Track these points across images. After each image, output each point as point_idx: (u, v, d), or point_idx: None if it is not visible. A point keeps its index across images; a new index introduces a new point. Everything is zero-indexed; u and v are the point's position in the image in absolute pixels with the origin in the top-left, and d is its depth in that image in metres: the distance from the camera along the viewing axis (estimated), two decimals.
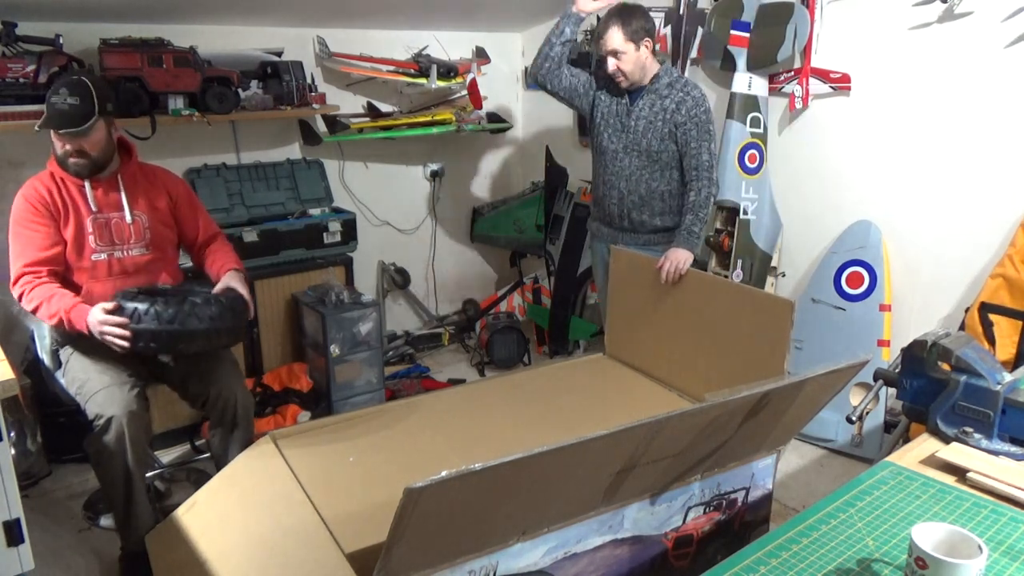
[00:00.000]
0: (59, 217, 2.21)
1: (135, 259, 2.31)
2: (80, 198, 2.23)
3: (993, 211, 2.61)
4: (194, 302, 2.13)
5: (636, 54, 2.56)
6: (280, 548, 1.73)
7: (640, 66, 2.59)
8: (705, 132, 2.58)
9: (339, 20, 3.56)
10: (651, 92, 2.63)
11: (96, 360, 2.22)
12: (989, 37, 2.52)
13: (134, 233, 2.31)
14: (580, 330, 3.91)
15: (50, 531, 2.57)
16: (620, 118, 2.69)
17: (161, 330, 2.07)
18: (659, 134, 2.62)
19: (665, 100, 2.60)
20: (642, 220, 2.73)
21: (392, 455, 2.05)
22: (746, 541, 1.24)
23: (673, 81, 2.63)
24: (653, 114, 2.62)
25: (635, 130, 2.65)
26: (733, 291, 2.26)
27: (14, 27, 2.74)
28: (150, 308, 2.07)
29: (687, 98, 2.58)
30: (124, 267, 2.30)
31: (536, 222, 4.13)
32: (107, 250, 2.27)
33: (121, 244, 2.29)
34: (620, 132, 2.69)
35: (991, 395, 1.49)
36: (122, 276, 2.29)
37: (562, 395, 2.31)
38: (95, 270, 2.26)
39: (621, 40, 2.54)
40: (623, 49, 2.55)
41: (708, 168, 2.57)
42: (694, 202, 2.56)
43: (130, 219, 2.30)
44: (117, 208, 2.28)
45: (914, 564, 1.06)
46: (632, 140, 2.66)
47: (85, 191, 2.23)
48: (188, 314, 2.09)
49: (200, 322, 2.11)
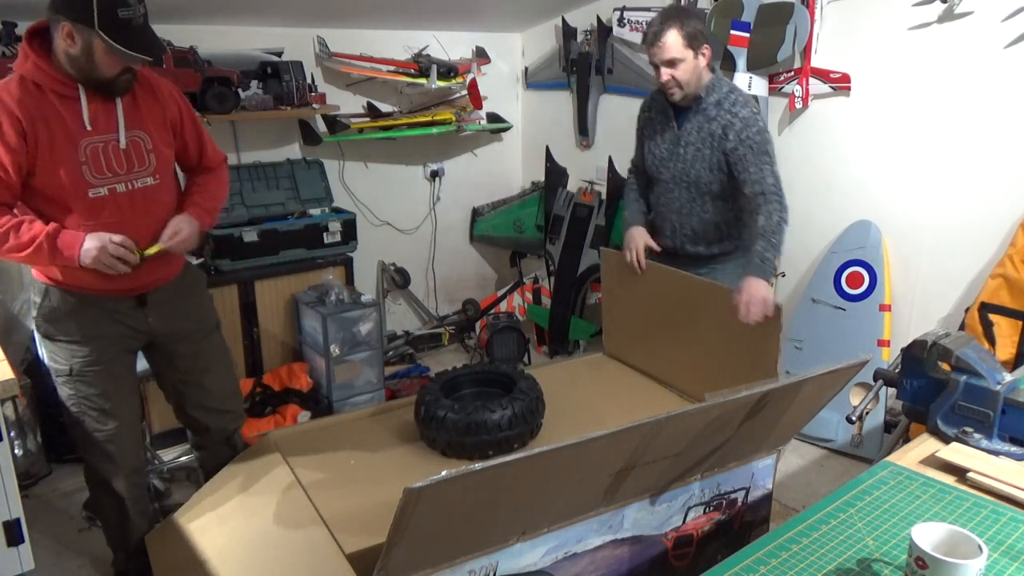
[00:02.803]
0: (30, 143, 1.71)
1: (143, 190, 1.87)
2: (70, 115, 1.75)
3: (993, 211, 2.61)
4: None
5: (694, 62, 2.26)
6: (280, 548, 1.73)
7: (697, 76, 2.28)
8: (763, 153, 2.25)
9: (339, 20, 3.56)
10: (699, 112, 2.33)
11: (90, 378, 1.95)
12: (989, 37, 2.52)
13: (136, 158, 1.86)
14: (580, 330, 3.91)
15: (50, 531, 2.57)
16: (668, 144, 2.42)
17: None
18: (707, 163, 2.34)
19: (712, 123, 2.31)
20: (697, 252, 2.48)
21: (392, 455, 2.05)
22: (746, 541, 1.24)
23: (722, 98, 2.31)
24: (701, 139, 2.33)
25: (683, 158, 2.38)
26: (727, 293, 2.25)
27: (14, 27, 2.74)
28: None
29: (735, 120, 2.27)
30: (135, 200, 1.86)
31: (536, 222, 4.13)
32: (112, 183, 1.82)
33: (128, 173, 1.84)
34: (668, 160, 2.43)
35: (991, 395, 1.49)
36: (131, 214, 1.86)
37: (562, 395, 2.30)
38: (94, 209, 1.81)
39: (680, 46, 2.22)
40: (681, 56, 2.23)
41: (775, 191, 2.24)
42: (764, 227, 2.21)
43: (124, 143, 1.83)
44: (112, 129, 1.81)
45: (914, 564, 1.06)
46: (681, 170, 2.40)
47: (80, 106, 1.75)
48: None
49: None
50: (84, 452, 2.06)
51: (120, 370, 2.01)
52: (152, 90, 1.91)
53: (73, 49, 1.69)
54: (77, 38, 1.68)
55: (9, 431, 1.74)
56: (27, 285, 3.00)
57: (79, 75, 1.74)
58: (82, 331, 1.92)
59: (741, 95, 2.33)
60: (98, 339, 1.94)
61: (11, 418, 2.66)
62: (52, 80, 1.73)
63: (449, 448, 1.98)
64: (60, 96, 1.75)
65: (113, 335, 1.97)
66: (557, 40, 4.00)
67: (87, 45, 1.68)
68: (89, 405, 1.97)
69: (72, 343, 1.93)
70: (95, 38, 1.67)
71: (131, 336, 2.01)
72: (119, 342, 1.99)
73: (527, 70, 4.27)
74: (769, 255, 2.21)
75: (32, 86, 1.73)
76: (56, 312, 1.91)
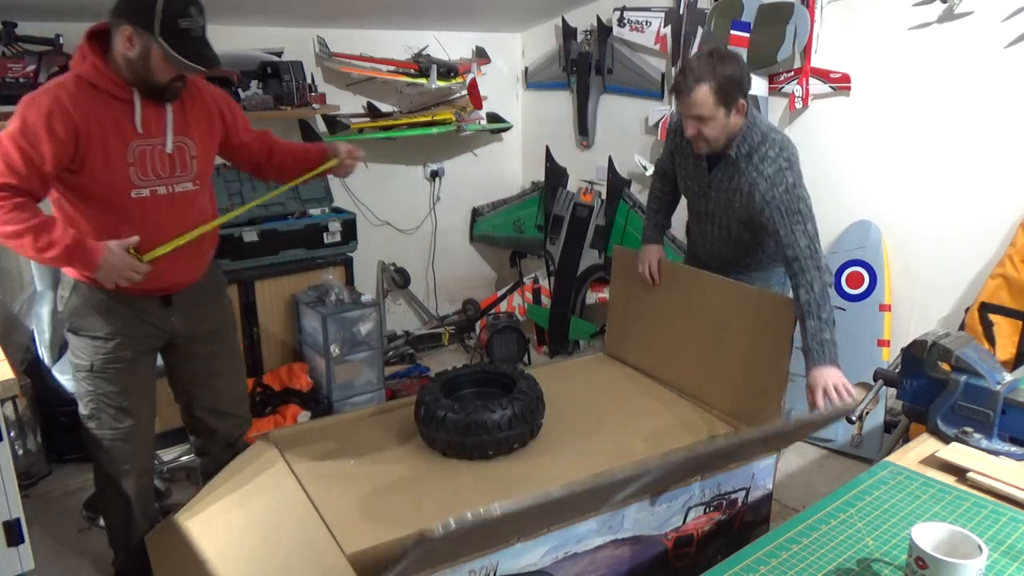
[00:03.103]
0: (81, 142, 1.75)
1: (183, 195, 1.92)
2: (127, 119, 1.80)
3: (993, 211, 2.61)
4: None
5: (725, 120, 2.05)
6: (280, 548, 1.73)
7: (727, 132, 2.09)
8: (794, 213, 2.04)
9: (339, 20, 3.56)
10: (729, 164, 2.15)
11: (110, 375, 1.98)
12: (989, 37, 2.52)
13: (180, 163, 1.90)
14: (580, 330, 3.91)
15: (50, 531, 2.57)
16: (697, 183, 2.28)
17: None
18: (737, 215, 2.20)
19: (741, 178, 2.13)
20: (736, 272, 2.35)
21: (392, 455, 2.05)
22: (746, 541, 1.24)
23: (752, 149, 2.10)
24: (731, 190, 2.17)
25: (714, 201, 2.25)
26: (735, 290, 2.25)
27: (14, 27, 2.74)
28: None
29: (760, 179, 2.07)
30: (175, 204, 1.91)
31: (536, 222, 4.13)
32: (153, 185, 1.86)
33: (170, 177, 1.88)
34: (699, 198, 2.30)
35: (991, 395, 1.49)
36: (168, 216, 1.90)
37: (562, 395, 2.30)
38: (134, 210, 1.84)
39: (711, 104, 2.01)
40: (711, 115, 2.03)
41: (811, 256, 2.03)
42: (808, 302, 2.00)
43: (171, 148, 1.87)
44: (161, 133, 1.86)
45: (914, 564, 1.06)
46: (711, 210, 2.28)
47: (134, 109, 1.80)
48: None
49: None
50: (95, 450, 2.07)
51: (139, 369, 2.04)
52: (201, 98, 1.96)
53: (131, 53, 1.74)
54: (136, 42, 1.72)
55: (9, 431, 1.74)
56: (27, 285, 3.01)
57: (134, 78, 1.78)
58: (107, 328, 1.95)
59: (772, 145, 2.10)
60: (122, 337, 1.97)
61: (11, 418, 2.65)
62: (108, 82, 1.77)
63: (449, 448, 1.98)
64: (114, 98, 1.79)
65: (137, 334, 2.00)
66: (557, 40, 4.00)
67: (145, 50, 1.73)
68: (107, 402, 2.00)
69: (96, 339, 1.95)
70: (154, 44, 1.71)
71: (154, 336, 2.04)
72: (142, 341, 2.02)
73: (527, 70, 4.27)
74: (827, 335, 1.98)
75: (87, 86, 1.76)
76: (83, 308, 1.94)
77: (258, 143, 2.13)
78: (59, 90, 1.74)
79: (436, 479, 1.92)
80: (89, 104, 1.75)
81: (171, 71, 1.77)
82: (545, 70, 4.14)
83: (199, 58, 1.74)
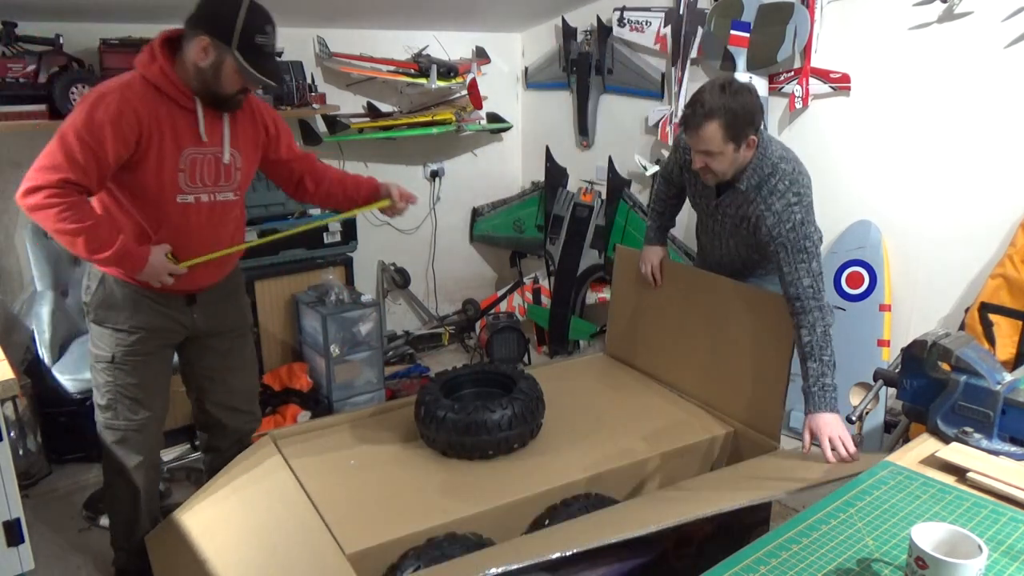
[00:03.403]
0: (141, 144, 1.78)
1: (223, 204, 1.97)
2: (185, 125, 1.84)
3: (993, 211, 2.61)
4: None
5: (733, 155, 1.99)
6: (280, 548, 1.73)
7: (736, 166, 2.04)
8: (799, 251, 2.01)
9: (339, 20, 3.56)
10: (735, 192, 2.11)
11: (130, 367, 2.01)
12: (989, 37, 2.52)
13: (225, 173, 1.94)
14: (580, 330, 3.91)
15: (50, 531, 2.57)
16: (705, 203, 2.26)
17: None
18: (744, 242, 2.20)
19: (748, 207, 2.09)
20: (747, 278, 2.34)
21: (392, 455, 2.05)
22: (746, 541, 1.24)
23: (761, 182, 2.06)
24: (738, 217, 2.15)
25: (721, 224, 2.23)
26: (735, 290, 2.25)
27: (14, 27, 2.74)
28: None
29: (768, 214, 2.04)
30: (214, 213, 1.97)
31: (536, 222, 4.13)
32: (197, 192, 1.91)
33: (214, 186, 1.94)
34: (707, 218, 2.28)
35: (991, 395, 1.49)
36: (207, 223, 1.96)
37: (562, 395, 2.30)
38: (176, 214, 1.90)
39: (719, 140, 1.95)
40: (719, 150, 1.97)
41: (813, 296, 2.01)
42: (810, 343, 2.00)
43: (228, 159, 1.93)
44: (217, 143, 1.91)
45: (914, 564, 1.06)
46: (721, 230, 2.26)
47: (197, 117, 1.85)
48: None
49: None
50: (109, 441, 2.09)
51: (157, 363, 2.08)
52: (251, 111, 2.00)
53: (204, 62, 1.79)
54: (211, 52, 1.77)
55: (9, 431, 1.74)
56: (27, 285, 3.01)
57: (199, 87, 1.83)
58: (131, 321, 1.99)
59: (783, 178, 2.05)
60: (144, 331, 2.01)
61: (11, 418, 2.65)
62: (173, 88, 1.81)
63: (449, 448, 1.98)
64: (176, 104, 1.83)
65: (159, 328, 2.04)
66: (557, 40, 4.00)
67: (219, 61, 1.78)
68: (124, 393, 2.03)
69: (119, 331, 1.99)
70: (228, 56, 1.77)
71: (175, 331, 2.08)
72: (163, 336, 2.06)
73: (527, 70, 4.27)
74: (828, 380, 1.98)
75: (152, 89, 1.80)
76: (108, 300, 1.98)
77: (299, 163, 2.17)
78: (128, 91, 1.77)
79: (436, 479, 1.92)
80: (154, 108, 1.79)
81: (239, 83, 1.82)
82: (545, 70, 4.14)
83: (269, 74, 1.81)
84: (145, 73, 1.80)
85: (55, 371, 2.55)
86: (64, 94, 2.72)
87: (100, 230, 1.78)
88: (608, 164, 3.77)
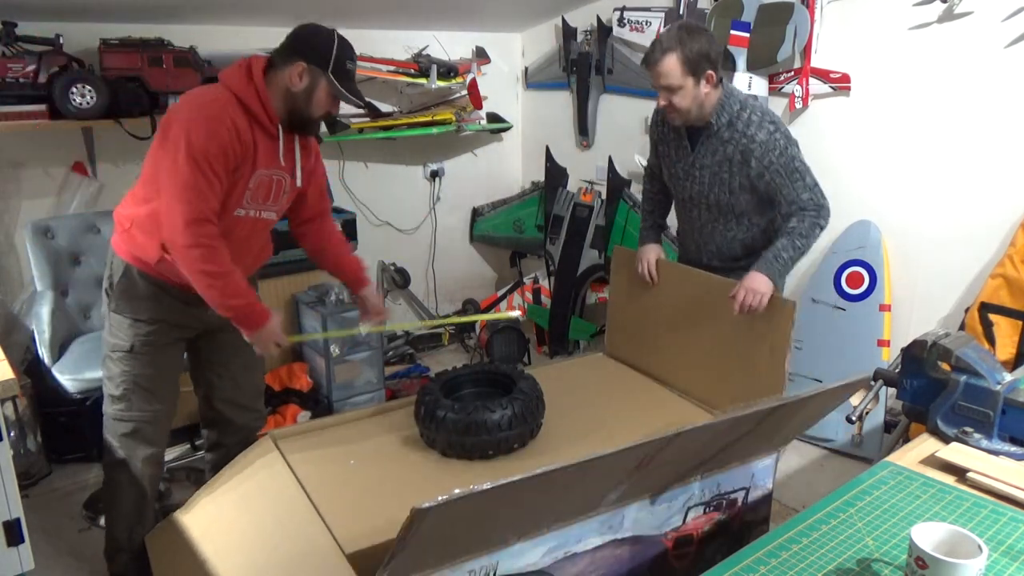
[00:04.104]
0: (236, 166, 1.89)
1: (265, 221, 2.08)
2: (266, 149, 1.95)
3: (993, 211, 2.61)
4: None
5: (694, 90, 2.11)
6: (280, 548, 1.73)
7: (698, 103, 2.14)
8: (792, 172, 2.14)
9: (339, 20, 3.54)
10: (712, 136, 2.20)
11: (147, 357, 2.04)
12: (989, 37, 2.52)
13: (275, 195, 2.04)
14: (580, 330, 3.91)
15: (50, 531, 2.57)
16: (683, 165, 2.31)
17: None
18: (727, 186, 2.23)
19: (727, 146, 2.18)
20: (724, 266, 2.39)
21: (392, 455, 2.05)
22: (746, 541, 1.24)
23: (733, 118, 2.16)
24: (717, 163, 2.21)
25: (700, 181, 2.28)
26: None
27: (14, 27, 2.74)
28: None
29: (752, 146, 2.13)
30: (255, 228, 2.06)
31: (536, 222, 4.13)
32: (250, 208, 2.00)
33: (264, 204, 2.03)
34: (684, 181, 2.33)
35: (991, 395, 1.49)
36: (247, 238, 2.06)
37: (562, 395, 2.30)
38: (227, 226, 1.96)
39: (679, 73, 2.08)
40: (680, 84, 2.09)
41: (813, 205, 2.16)
42: (794, 228, 2.15)
43: (300, 182, 2.05)
44: (288, 168, 2.02)
45: (914, 564, 1.06)
46: (699, 192, 2.30)
47: (278, 143, 1.96)
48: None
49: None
50: (119, 433, 2.09)
51: (173, 355, 2.13)
52: (306, 142, 2.10)
53: (297, 87, 1.91)
54: (306, 77, 1.91)
55: (9, 431, 1.74)
56: (27, 285, 3.01)
57: (286, 110, 1.94)
58: (151, 312, 2.03)
59: (755, 111, 2.18)
60: (163, 323, 2.05)
61: (11, 418, 2.66)
62: (262, 112, 1.91)
63: (449, 448, 1.98)
64: (260, 126, 1.92)
65: (177, 322, 2.08)
66: (557, 40, 4.00)
67: (312, 85, 1.92)
68: (140, 383, 2.06)
69: (139, 321, 2.03)
70: (323, 79, 1.91)
71: (190, 326, 2.12)
72: (180, 329, 2.11)
73: (527, 70, 4.27)
74: (786, 254, 2.14)
75: (244, 110, 1.88)
76: (131, 291, 2.02)
77: (315, 200, 2.24)
78: (230, 112, 1.84)
79: (436, 479, 1.92)
80: (248, 130, 1.89)
81: (327, 105, 1.96)
82: (545, 70, 4.14)
83: (356, 94, 1.97)
84: (239, 93, 1.88)
85: (55, 371, 2.55)
86: (64, 94, 2.72)
87: (237, 277, 1.90)
88: (608, 164, 3.77)
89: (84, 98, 2.76)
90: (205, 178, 1.81)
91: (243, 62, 1.93)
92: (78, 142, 3.08)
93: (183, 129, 1.80)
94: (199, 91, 1.92)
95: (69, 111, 2.74)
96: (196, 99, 1.88)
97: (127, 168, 3.21)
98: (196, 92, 1.92)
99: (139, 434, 2.09)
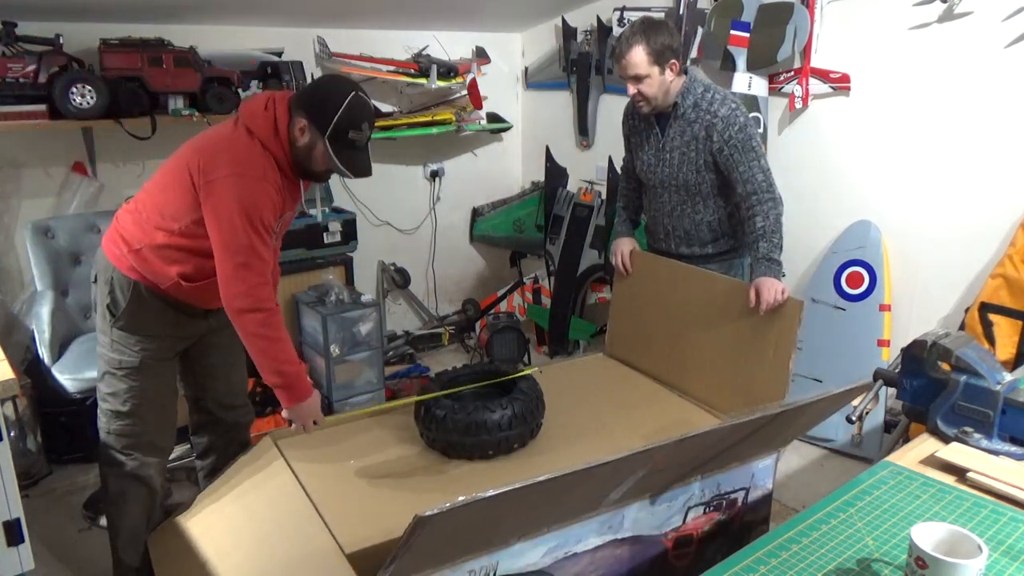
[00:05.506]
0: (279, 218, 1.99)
1: (276, 252, 2.14)
2: (291, 197, 2.02)
3: (993, 211, 2.61)
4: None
5: (660, 78, 2.28)
6: (280, 549, 1.73)
7: (664, 90, 2.31)
8: (749, 151, 2.29)
9: (339, 20, 3.56)
10: (679, 117, 2.36)
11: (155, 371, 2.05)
12: (989, 37, 2.52)
13: (284, 228, 2.11)
14: (580, 330, 3.91)
15: (50, 531, 2.57)
16: (653, 151, 2.46)
17: None
18: (694, 165, 2.37)
19: (694, 126, 2.33)
20: (692, 252, 2.51)
21: (392, 455, 2.05)
22: (746, 541, 1.24)
23: (698, 99, 2.33)
24: (685, 143, 2.37)
25: (670, 163, 2.41)
26: (737, 290, 2.25)
27: (14, 27, 2.74)
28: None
29: (715, 120, 2.29)
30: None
31: (536, 222, 4.13)
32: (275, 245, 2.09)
33: (279, 238, 2.11)
34: (655, 166, 2.45)
35: (991, 395, 1.49)
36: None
37: (562, 395, 2.30)
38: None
39: (645, 63, 2.25)
40: (646, 73, 2.26)
41: (767, 188, 2.29)
42: (763, 228, 2.27)
43: (320, 218, 2.19)
44: (296, 204, 2.09)
45: (914, 564, 1.06)
46: (668, 174, 2.43)
47: (300, 191, 2.05)
48: None
49: None
50: (124, 446, 2.06)
51: (173, 366, 2.14)
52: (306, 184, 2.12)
53: (300, 141, 1.93)
54: (307, 134, 1.91)
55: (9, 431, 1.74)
56: (27, 285, 3.01)
57: (296, 159, 1.96)
58: (160, 328, 2.04)
59: (717, 92, 2.35)
60: (171, 337, 2.07)
61: (11, 418, 2.66)
62: (287, 163, 1.95)
63: (449, 448, 1.98)
64: (283, 174, 1.96)
65: (180, 335, 2.10)
66: (557, 40, 4.00)
67: (312, 143, 1.92)
68: (150, 397, 2.05)
69: (149, 337, 2.03)
70: (320, 142, 1.91)
71: (189, 338, 2.14)
72: (182, 340, 2.13)
73: (527, 70, 4.27)
74: (775, 255, 2.26)
75: (276, 164, 1.92)
76: (140, 309, 2.01)
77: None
78: (270, 174, 1.89)
79: (436, 479, 1.92)
80: (279, 181, 1.93)
81: (326, 164, 1.95)
82: (545, 70, 4.14)
83: (352, 166, 1.95)
84: (273, 152, 1.91)
85: (55, 371, 2.55)
86: (64, 94, 2.72)
87: (290, 345, 1.94)
88: (608, 164, 3.77)
89: (84, 98, 2.76)
90: (261, 238, 1.86)
91: (269, 107, 1.92)
92: (78, 142, 3.08)
93: (233, 192, 1.82)
94: (232, 143, 1.90)
95: (69, 111, 2.74)
96: (235, 155, 1.87)
97: (127, 168, 3.21)
98: (229, 144, 1.89)
99: (151, 445, 2.09)
